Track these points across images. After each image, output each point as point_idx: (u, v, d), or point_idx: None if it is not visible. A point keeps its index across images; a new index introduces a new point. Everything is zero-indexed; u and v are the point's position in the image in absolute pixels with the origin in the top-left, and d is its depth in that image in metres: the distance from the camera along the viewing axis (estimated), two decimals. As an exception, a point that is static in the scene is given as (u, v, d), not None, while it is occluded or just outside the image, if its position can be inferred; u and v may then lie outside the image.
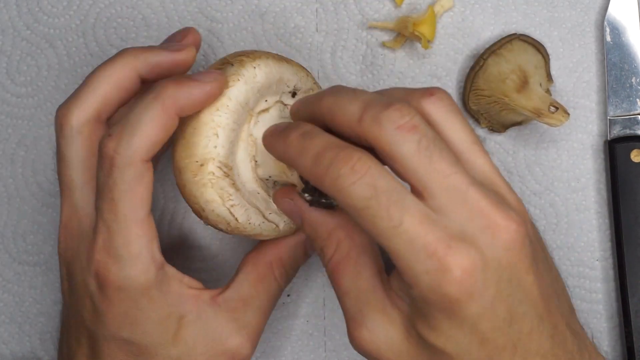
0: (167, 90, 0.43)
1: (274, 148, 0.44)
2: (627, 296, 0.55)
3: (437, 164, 0.39)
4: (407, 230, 0.38)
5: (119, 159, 0.42)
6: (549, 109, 0.53)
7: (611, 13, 0.57)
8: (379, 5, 0.58)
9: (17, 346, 0.57)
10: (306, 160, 0.40)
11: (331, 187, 0.39)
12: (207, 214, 0.45)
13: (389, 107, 0.39)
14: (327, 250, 0.44)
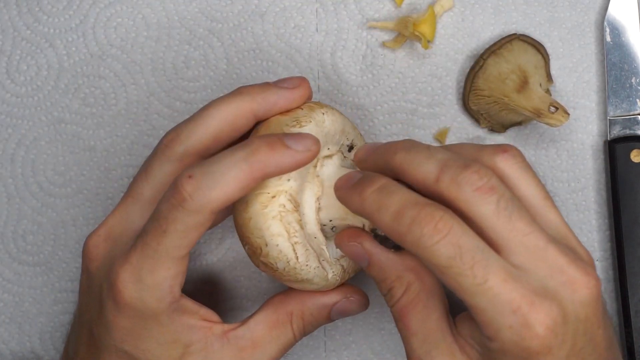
0: (258, 155, 0.42)
1: (348, 201, 0.43)
2: (627, 296, 0.55)
3: (517, 223, 0.41)
4: (491, 287, 0.39)
5: (190, 204, 0.42)
6: (549, 109, 0.53)
7: (611, 13, 0.57)
8: (379, 5, 0.58)
9: (17, 346, 0.57)
10: (385, 217, 0.40)
11: (413, 245, 0.40)
12: (269, 250, 0.44)
13: (467, 169, 0.41)
14: (395, 291, 0.44)
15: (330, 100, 0.57)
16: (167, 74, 0.57)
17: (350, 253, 0.45)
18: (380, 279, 0.45)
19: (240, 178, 0.42)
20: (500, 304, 0.39)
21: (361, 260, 0.45)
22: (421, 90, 0.57)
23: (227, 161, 0.42)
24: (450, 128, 0.57)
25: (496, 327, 0.40)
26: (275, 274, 0.46)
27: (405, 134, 0.57)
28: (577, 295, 0.41)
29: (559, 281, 0.41)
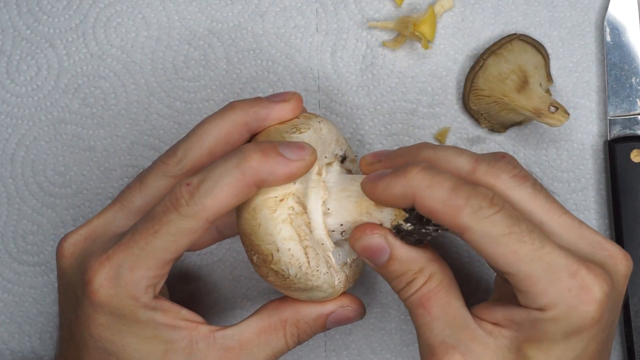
0: (250, 162, 0.43)
1: (388, 188, 0.43)
2: (627, 296, 0.55)
3: (553, 204, 0.44)
4: (549, 252, 0.41)
5: (186, 209, 0.42)
6: (549, 109, 0.53)
7: (611, 13, 0.57)
8: (379, 5, 0.58)
9: (17, 346, 0.57)
10: (440, 192, 0.41)
11: (471, 217, 0.41)
12: (281, 256, 0.43)
13: (501, 160, 0.44)
14: (417, 281, 0.44)
15: (330, 100, 0.57)
16: (167, 73, 0.57)
17: (370, 247, 0.45)
18: (399, 273, 0.45)
19: (233, 185, 0.42)
20: (559, 268, 0.41)
21: (380, 254, 0.45)
22: (421, 90, 0.57)
23: (221, 169, 0.43)
24: (450, 128, 0.57)
25: (554, 293, 0.41)
26: (284, 283, 0.45)
27: (406, 133, 0.57)
28: (619, 267, 0.43)
29: (602, 255, 0.43)
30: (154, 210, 0.44)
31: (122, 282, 0.44)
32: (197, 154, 0.46)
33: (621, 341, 0.56)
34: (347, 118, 0.57)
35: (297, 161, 0.43)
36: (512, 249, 0.41)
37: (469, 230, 0.41)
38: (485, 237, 0.41)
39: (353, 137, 0.57)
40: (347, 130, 0.57)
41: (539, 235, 0.41)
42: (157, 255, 0.43)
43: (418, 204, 0.42)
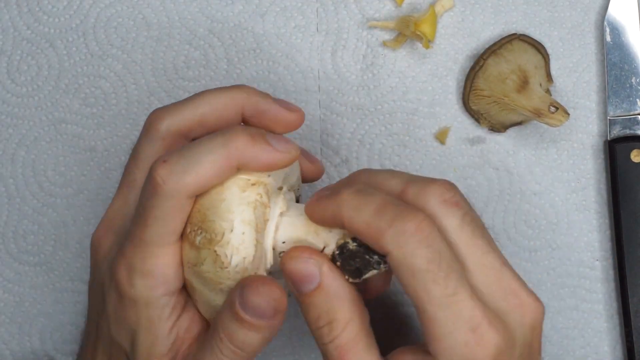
0: (237, 143, 0.42)
1: (322, 208, 0.42)
2: (627, 296, 0.55)
3: (478, 240, 0.41)
4: (459, 301, 0.39)
5: (164, 189, 0.41)
6: (549, 109, 0.53)
7: (611, 13, 0.57)
8: (379, 4, 0.58)
9: (17, 346, 0.57)
10: (365, 214, 0.40)
11: (393, 241, 0.39)
12: (232, 237, 0.42)
13: (433, 183, 0.41)
14: (336, 326, 0.42)
15: (330, 100, 0.57)
16: (168, 73, 0.57)
17: (301, 270, 0.42)
18: (322, 310, 0.42)
19: (216, 162, 0.41)
20: (462, 320, 0.39)
21: (309, 281, 0.42)
22: (421, 89, 0.57)
23: (205, 146, 0.42)
24: (450, 128, 0.57)
25: (450, 343, 0.39)
26: (216, 275, 0.42)
27: (406, 133, 0.57)
28: (526, 319, 0.41)
29: (512, 304, 0.41)
30: (140, 197, 0.43)
31: (137, 273, 0.43)
32: (187, 117, 0.45)
33: (621, 341, 0.56)
34: (347, 118, 0.57)
35: (282, 152, 0.42)
36: (425, 287, 0.39)
37: (390, 255, 0.39)
38: (402, 266, 0.39)
39: (353, 137, 0.57)
40: (348, 130, 0.57)
41: (455, 279, 0.39)
42: (157, 243, 0.43)
43: (347, 226, 0.41)
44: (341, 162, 0.57)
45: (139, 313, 0.44)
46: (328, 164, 0.57)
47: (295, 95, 0.57)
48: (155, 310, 0.44)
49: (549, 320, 0.56)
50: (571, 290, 0.56)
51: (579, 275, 0.57)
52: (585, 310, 0.56)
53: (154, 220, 0.42)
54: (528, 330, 0.41)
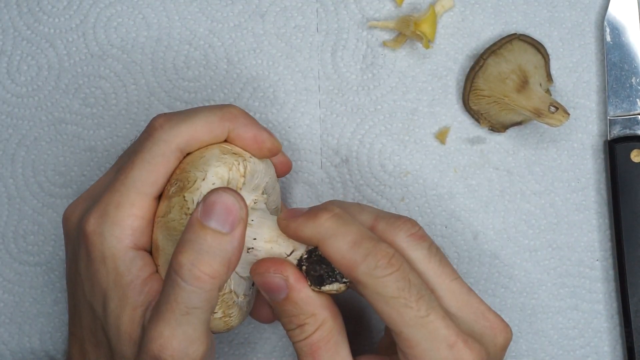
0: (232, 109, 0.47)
1: (299, 227, 0.44)
2: (627, 296, 0.55)
3: (445, 268, 0.45)
4: (432, 321, 0.42)
5: (159, 132, 0.45)
6: (549, 109, 0.53)
7: (611, 13, 0.57)
8: (379, 4, 0.58)
9: (17, 346, 0.57)
10: (342, 244, 0.42)
11: (366, 274, 0.42)
12: (202, 185, 0.44)
13: (400, 218, 0.45)
14: (308, 327, 0.44)
15: (330, 100, 0.57)
16: (168, 74, 0.57)
17: (268, 283, 0.44)
18: (292, 314, 0.44)
19: (209, 119, 0.46)
20: (438, 339, 0.42)
21: (277, 292, 0.44)
22: (421, 89, 0.57)
23: (202, 107, 0.47)
24: (450, 128, 0.57)
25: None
26: (180, 222, 0.44)
27: (406, 133, 0.57)
28: (498, 339, 0.45)
29: (483, 325, 0.45)
30: (134, 144, 0.46)
31: (109, 220, 0.45)
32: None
33: (621, 341, 0.56)
34: (347, 118, 0.57)
35: (269, 135, 0.48)
36: (398, 312, 0.42)
37: (362, 285, 0.42)
38: (375, 295, 0.42)
39: (353, 136, 0.57)
40: (348, 130, 0.57)
41: (426, 302, 0.42)
42: (138, 188, 0.45)
43: (321, 250, 0.43)
44: (341, 162, 0.57)
45: (108, 267, 0.45)
46: (328, 164, 0.57)
47: (295, 95, 0.57)
48: (124, 263, 0.45)
49: (549, 320, 0.56)
50: (571, 290, 0.56)
51: (579, 275, 0.57)
52: (585, 310, 0.56)
53: (141, 163, 0.45)
54: (499, 351, 0.45)
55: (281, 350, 0.57)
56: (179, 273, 0.41)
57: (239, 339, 0.57)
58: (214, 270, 0.41)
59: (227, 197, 0.42)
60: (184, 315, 0.42)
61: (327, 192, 0.57)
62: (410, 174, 0.57)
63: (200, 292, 0.41)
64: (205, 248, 0.41)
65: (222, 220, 0.42)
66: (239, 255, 0.43)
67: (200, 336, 0.42)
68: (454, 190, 0.57)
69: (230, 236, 0.42)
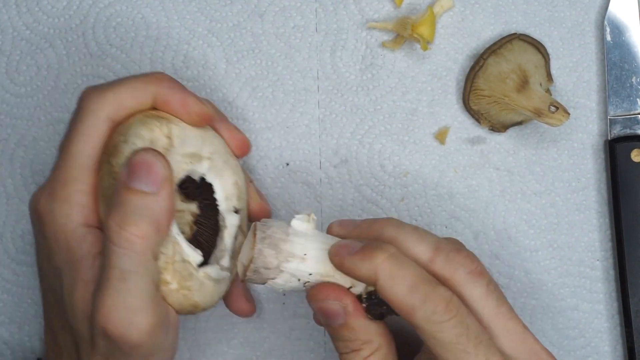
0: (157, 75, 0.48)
1: (356, 267, 0.43)
2: (628, 296, 0.54)
3: (502, 307, 0.44)
4: None
5: (88, 104, 0.46)
6: (549, 109, 0.53)
7: (611, 12, 0.57)
8: (378, 5, 0.57)
9: (17, 346, 0.57)
10: (400, 289, 0.42)
11: (424, 319, 0.42)
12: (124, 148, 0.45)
13: (459, 253, 0.45)
14: (363, 352, 0.44)
15: (329, 100, 0.57)
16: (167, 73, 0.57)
17: (326, 310, 0.45)
18: (348, 339, 0.45)
19: (135, 86, 0.47)
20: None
21: (334, 319, 0.44)
22: (421, 90, 0.57)
23: (129, 77, 0.48)
24: (450, 128, 0.57)
25: None
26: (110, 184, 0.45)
27: (405, 134, 0.57)
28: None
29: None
30: (69, 121, 0.47)
31: (57, 198, 0.45)
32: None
33: (622, 341, 0.56)
34: (346, 118, 0.57)
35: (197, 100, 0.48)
36: (456, 357, 0.42)
37: (420, 330, 0.42)
38: (433, 340, 0.42)
39: (353, 137, 0.57)
40: (347, 130, 0.57)
41: (485, 347, 0.42)
42: (78, 162, 0.45)
43: (379, 291, 0.43)
44: (340, 162, 0.57)
45: (60, 245, 0.45)
46: (327, 164, 0.57)
47: (294, 95, 0.57)
48: (75, 240, 0.45)
49: (550, 320, 0.56)
50: (572, 290, 0.56)
51: (579, 275, 0.56)
52: (585, 310, 0.56)
53: (76, 136, 0.46)
54: None
55: (280, 350, 0.56)
56: (110, 237, 0.42)
57: (239, 338, 0.56)
58: (141, 230, 0.42)
59: (147, 156, 0.42)
60: (121, 281, 0.42)
61: (326, 193, 0.57)
62: (410, 174, 0.57)
63: (132, 255, 0.42)
64: (132, 209, 0.42)
65: (145, 179, 0.42)
66: (168, 216, 0.43)
67: (144, 306, 0.42)
68: (454, 191, 0.57)
69: (156, 195, 0.42)
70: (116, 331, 0.42)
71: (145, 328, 0.42)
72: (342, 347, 0.45)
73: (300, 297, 0.56)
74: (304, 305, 0.56)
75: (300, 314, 0.56)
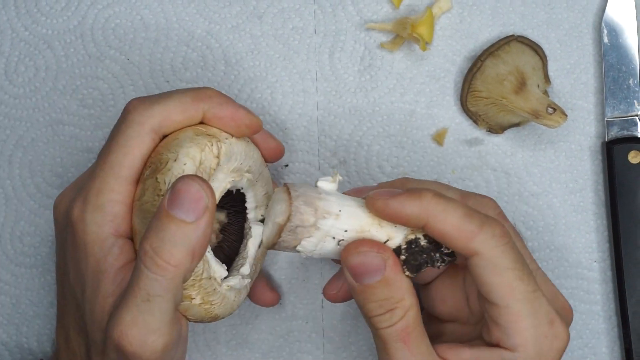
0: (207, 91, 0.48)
1: (400, 207, 0.43)
2: (625, 297, 0.55)
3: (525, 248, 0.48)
4: (539, 297, 0.43)
5: (133, 115, 0.46)
6: (547, 111, 0.53)
7: (608, 14, 0.57)
8: (377, 6, 0.58)
9: (16, 347, 0.57)
10: (454, 217, 0.42)
11: (484, 242, 0.42)
12: (173, 165, 0.44)
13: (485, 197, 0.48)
14: (397, 312, 0.44)
15: (328, 102, 0.57)
16: (165, 75, 0.57)
17: (366, 264, 0.44)
18: (383, 298, 0.44)
19: (183, 100, 0.47)
20: (542, 315, 0.43)
21: (373, 275, 0.44)
22: (419, 91, 0.57)
23: (177, 90, 0.48)
24: (448, 129, 0.57)
25: (531, 335, 0.43)
26: (152, 201, 0.44)
27: (404, 135, 0.57)
28: (568, 319, 0.47)
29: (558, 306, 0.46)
30: (111, 131, 0.47)
31: (90, 207, 0.45)
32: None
33: (619, 343, 0.56)
34: (345, 119, 0.57)
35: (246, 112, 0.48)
36: (511, 285, 0.43)
37: (479, 255, 0.43)
38: (490, 266, 0.43)
39: (351, 138, 0.57)
40: (345, 131, 0.57)
41: (534, 279, 0.43)
42: (115, 173, 0.45)
43: (430, 226, 0.43)
44: (339, 163, 0.57)
45: (88, 254, 0.45)
46: (326, 166, 0.57)
47: (292, 97, 0.57)
48: (103, 250, 0.45)
49: (547, 321, 0.56)
50: (569, 291, 0.56)
51: (577, 277, 0.56)
52: (583, 311, 0.56)
53: (116, 147, 0.46)
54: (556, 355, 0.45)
55: (278, 351, 0.56)
56: (142, 260, 0.41)
57: (237, 339, 0.56)
58: (176, 259, 0.41)
59: (192, 185, 0.41)
60: (144, 302, 0.41)
61: (324, 194, 0.57)
62: (408, 175, 0.57)
63: (162, 280, 0.41)
64: (169, 236, 0.41)
65: (186, 208, 0.41)
66: (205, 244, 0.42)
67: (161, 327, 0.42)
68: (451, 192, 0.57)
69: (195, 225, 0.41)
70: (130, 348, 0.42)
71: (159, 348, 0.42)
72: (375, 309, 0.44)
73: (298, 297, 0.56)
74: (302, 307, 0.57)
75: (298, 315, 0.57)
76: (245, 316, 0.56)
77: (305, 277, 0.57)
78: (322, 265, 0.57)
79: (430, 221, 0.43)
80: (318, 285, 0.56)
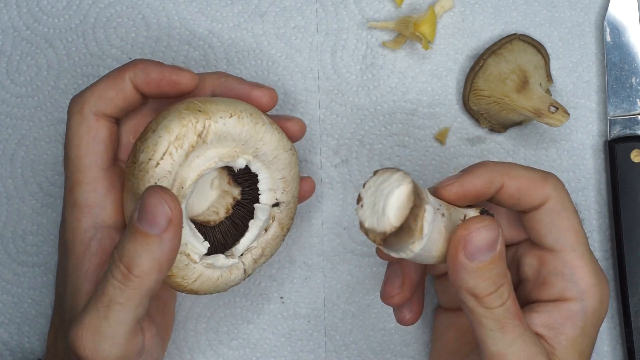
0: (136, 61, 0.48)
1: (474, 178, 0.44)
2: (627, 296, 0.55)
3: None
4: (588, 245, 0.46)
5: (71, 107, 0.47)
6: (549, 109, 0.53)
7: (611, 13, 0.57)
8: (379, 5, 0.58)
9: (17, 347, 0.57)
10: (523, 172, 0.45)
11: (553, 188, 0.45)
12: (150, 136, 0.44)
13: None
14: (504, 288, 0.42)
15: (330, 101, 0.57)
16: (167, 74, 0.57)
17: (486, 241, 0.41)
18: (496, 273, 0.41)
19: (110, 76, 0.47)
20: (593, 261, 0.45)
21: (491, 250, 0.41)
22: (421, 90, 0.57)
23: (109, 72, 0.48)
24: (450, 128, 0.57)
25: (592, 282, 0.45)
26: (129, 169, 0.45)
27: (406, 134, 0.57)
28: None
29: None
30: None
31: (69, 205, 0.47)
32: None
33: (621, 342, 0.56)
34: (347, 118, 0.57)
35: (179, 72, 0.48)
36: (576, 228, 0.45)
37: (552, 199, 0.44)
38: (560, 209, 0.44)
39: (353, 137, 0.57)
40: (347, 130, 0.57)
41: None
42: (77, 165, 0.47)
43: (506, 186, 0.44)
44: (341, 162, 0.57)
45: (70, 251, 0.46)
46: (328, 165, 0.57)
47: (294, 96, 0.57)
48: (82, 246, 0.45)
49: (549, 320, 0.56)
50: (571, 290, 0.56)
51: (579, 276, 0.56)
52: (585, 310, 0.56)
53: (68, 142, 0.47)
54: None
55: (280, 350, 0.56)
56: (110, 266, 0.42)
57: (239, 340, 0.56)
58: (139, 270, 0.41)
59: (155, 197, 0.41)
60: (104, 307, 0.41)
61: (326, 193, 0.57)
62: (411, 174, 0.57)
63: (124, 289, 0.41)
64: (135, 247, 0.41)
65: (150, 221, 0.41)
66: (172, 257, 0.42)
67: (116, 336, 0.42)
68: (453, 191, 0.57)
69: (159, 238, 0.41)
70: (82, 352, 0.42)
71: (112, 358, 0.42)
72: (487, 287, 0.41)
73: (300, 296, 0.56)
74: (304, 305, 0.57)
75: (300, 314, 0.57)
76: (247, 315, 0.56)
77: (307, 275, 0.57)
78: (324, 264, 0.57)
79: (506, 180, 0.44)
80: (320, 284, 0.56)
